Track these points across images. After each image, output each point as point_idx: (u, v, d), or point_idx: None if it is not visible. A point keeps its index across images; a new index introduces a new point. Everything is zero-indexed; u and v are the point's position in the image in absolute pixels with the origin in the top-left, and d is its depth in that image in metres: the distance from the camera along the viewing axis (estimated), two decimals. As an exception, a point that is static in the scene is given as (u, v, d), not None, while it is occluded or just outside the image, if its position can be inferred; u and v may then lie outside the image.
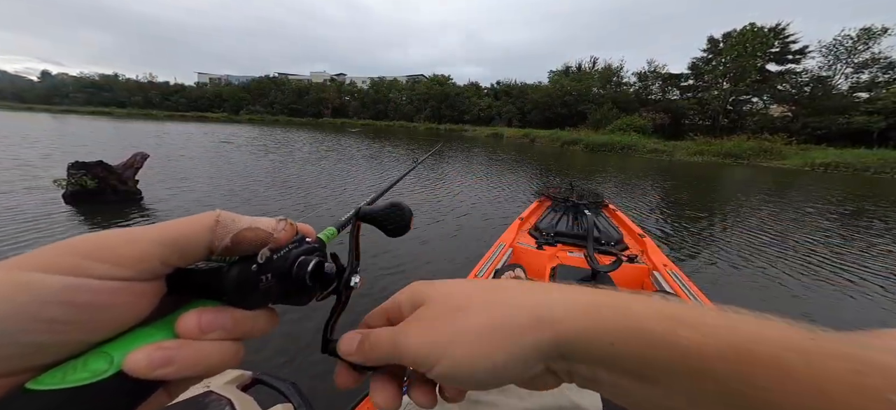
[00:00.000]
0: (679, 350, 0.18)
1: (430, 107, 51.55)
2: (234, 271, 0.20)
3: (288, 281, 0.23)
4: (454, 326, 0.22)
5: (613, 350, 0.19)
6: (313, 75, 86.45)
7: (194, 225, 0.20)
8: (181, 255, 0.19)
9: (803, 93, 27.05)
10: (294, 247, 0.23)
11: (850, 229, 5.29)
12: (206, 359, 0.19)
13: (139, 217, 4.35)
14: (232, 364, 0.20)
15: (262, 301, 0.22)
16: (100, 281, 0.17)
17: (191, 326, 0.19)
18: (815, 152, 17.41)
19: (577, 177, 9.66)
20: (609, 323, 0.20)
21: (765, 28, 27.52)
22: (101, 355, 0.17)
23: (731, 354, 0.17)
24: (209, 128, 24.44)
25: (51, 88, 79.58)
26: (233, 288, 0.20)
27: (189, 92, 69.62)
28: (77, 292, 0.16)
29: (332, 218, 1.67)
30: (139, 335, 0.18)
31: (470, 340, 0.21)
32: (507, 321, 0.21)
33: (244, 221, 0.21)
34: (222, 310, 0.20)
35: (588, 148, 22.52)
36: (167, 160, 8.41)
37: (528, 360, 0.21)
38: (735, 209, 6.52)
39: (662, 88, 35.79)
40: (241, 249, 0.21)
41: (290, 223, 0.23)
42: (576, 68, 43.93)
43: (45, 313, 0.15)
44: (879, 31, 24.68)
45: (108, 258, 0.17)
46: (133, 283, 0.18)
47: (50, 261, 0.16)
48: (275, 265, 0.22)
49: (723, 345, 0.17)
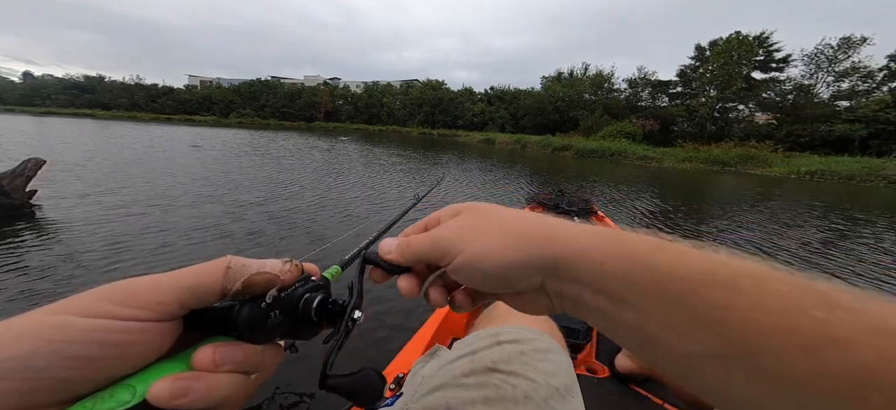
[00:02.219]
0: (655, 271, 0.20)
1: (424, 112, 51.61)
2: (245, 310, 0.22)
3: (294, 316, 0.25)
4: (480, 229, 0.26)
5: (602, 269, 0.22)
6: (306, 79, 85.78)
7: (208, 272, 0.22)
8: (197, 299, 0.21)
9: (787, 101, 27.73)
10: (300, 286, 0.25)
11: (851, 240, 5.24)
12: (220, 390, 0.20)
13: (28, 238, 3.22)
14: (242, 394, 0.22)
15: (271, 336, 0.24)
16: (124, 323, 0.19)
17: (206, 360, 0.21)
18: (800, 160, 17.76)
19: (567, 183, 9.57)
20: (601, 245, 0.22)
21: (750, 36, 28.22)
22: (125, 387, 0.18)
23: (697, 275, 0.19)
24: (190, 131, 23.70)
25: (32, 89, 77.36)
26: (244, 326, 0.22)
27: (177, 94, 68.17)
28: (103, 332, 0.18)
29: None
30: (159, 369, 0.20)
31: (491, 237, 0.25)
32: (521, 231, 0.25)
33: (253, 266, 0.23)
34: (234, 345, 0.22)
35: (578, 154, 22.65)
36: (94, 167, 7.14)
37: (530, 266, 0.24)
38: (720, 218, 6.46)
39: (652, 95, 36.44)
40: (251, 292, 0.23)
41: (295, 263, 0.25)
42: (568, 74, 44.43)
43: (74, 351, 0.17)
44: (858, 41, 25.50)
45: (132, 302, 0.19)
46: (154, 323, 0.20)
47: (81, 305, 0.18)
48: (282, 303, 0.24)
49: (690, 267, 0.19)
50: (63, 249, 3.06)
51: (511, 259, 0.24)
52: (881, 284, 3.47)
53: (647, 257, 0.21)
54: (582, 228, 0.24)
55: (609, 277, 0.21)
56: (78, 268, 2.76)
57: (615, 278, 0.21)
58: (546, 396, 0.46)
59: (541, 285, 0.25)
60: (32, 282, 2.50)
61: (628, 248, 0.22)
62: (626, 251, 0.21)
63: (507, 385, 0.46)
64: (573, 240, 0.23)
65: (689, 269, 0.19)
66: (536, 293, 0.25)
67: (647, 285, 0.20)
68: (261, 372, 0.24)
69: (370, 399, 0.27)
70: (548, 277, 0.24)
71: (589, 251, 0.23)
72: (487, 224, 0.27)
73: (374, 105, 58.12)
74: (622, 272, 0.21)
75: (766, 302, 0.17)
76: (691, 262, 0.20)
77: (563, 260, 0.23)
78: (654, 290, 0.20)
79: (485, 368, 0.49)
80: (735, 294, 0.18)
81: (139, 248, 3.20)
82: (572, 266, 0.23)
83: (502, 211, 0.28)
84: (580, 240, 0.23)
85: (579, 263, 0.23)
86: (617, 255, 0.22)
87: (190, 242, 3.45)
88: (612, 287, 0.21)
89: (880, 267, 3.94)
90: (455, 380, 0.48)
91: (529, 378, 0.48)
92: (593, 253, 0.22)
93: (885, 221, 6.50)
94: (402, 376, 0.78)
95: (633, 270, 0.21)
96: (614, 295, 0.21)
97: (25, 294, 2.36)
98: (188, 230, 3.76)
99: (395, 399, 0.53)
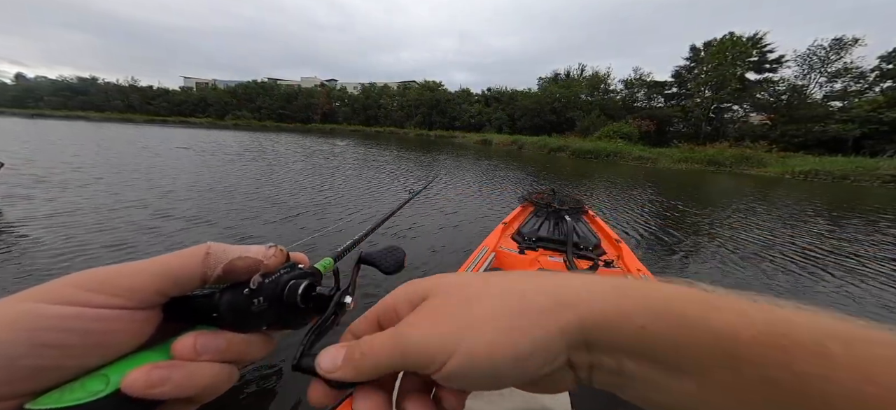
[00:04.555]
0: (714, 334, 0.16)
1: (421, 113, 51.63)
2: (226, 296, 0.21)
3: (280, 304, 0.24)
4: (470, 315, 0.20)
5: (644, 334, 0.18)
6: (304, 80, 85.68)
7: (187, 258, 0.21)
8: (176, 285, 0.21)
9: (781, 102, 28.01)
10: (285, 272, 0.24)
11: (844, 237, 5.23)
12: (201, 379, 0.19)
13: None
14: (225, 385, 0.21)
15: (256, 324, 0.23)
16: (96, 310, 0.18)
17: (187, 348, 0.20)
18: (795, 160, 17.85)
19: (561, 183, 9.55)
20: (638, 304, 0.18)
21: (743, 37, 28.50)
22: (98, 377, 0.18)
23: (769, 338, 0.16)
24: (183, 133, 23.53)
25: (24, 91, 76.58)
26: (226, 312, 0.21)
27: (173, 96, 67.90)
28: (73, 320, 0.17)
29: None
30: (137, 358, 0.19)
31: (490, 328, 0.19)
32: (529, 306, 0.20)
33: (234, 251, 0.22)
34: (217, 334, 0.21)
35: (575, 154, 22.70)
36: (73, 168, 6.78)
37: (553, 348, 0.19)
38: (712, 219, 6.45)
39: (648, 96, 36.71)
40: (233, 277, 0.22)
41: (280, 249, 0.24)
42: (565, 75, 44.61)
43: (42, 339, 0.17)
44: (850, 42, 25.80)
45: (105, 289, 0.19)
46: (129, 311, 0.19)
47: (51, 293, 0.18)
48: (266, 289, 0.23)
49: (760, 329, 0.16)
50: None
51: (526, 347, 0.19)
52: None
53: (703, 320, 0.17)
54: (604, 282, 0.20)
55: (657, 341, 0.18)
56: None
57: (665, 342, 0.17)
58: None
59: (566, 362, 0.20)
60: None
61: (671, 307, 0.18)
62: (671, 311, 0.18)
63: None
64: (602, 302, 0.19)
65: (760, 331, 0.16)
66: (560, 371, 0.20)
67: (710, 349, 0.16)
68: (245, 362, 0.23)
69: (394, 265, 0.30)
70: (575, 349, 0.19)
71: (622, 313, 0.18)
72: (478, 306, 0.21)
73: (371, 106, 58.08)
74: (672, 337, 0.17)
75: (869, 371, 0.14)
76: (758, 321, 0.16)
77: (593, 328, 0.19)
78: (718, 355, 0.16)
79: None
80: (825, 361, 0.15)
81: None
82: (604, 334, 0.19)
83: (493, 282, 0.22)
84: (606, 301, 0.19)
85: (615, 330, 0.18)
86: (659, 316, 0.18)
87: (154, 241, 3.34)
88: (661, 352, 0.18)
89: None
90: None
91: None
92: (631, 317, 0.18)
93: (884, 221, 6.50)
94: None
95: (686, 334, 0.17)
96: (666, 362, 0.18)
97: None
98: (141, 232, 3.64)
99: None
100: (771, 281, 3.33)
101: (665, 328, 0.17)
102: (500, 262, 2.30)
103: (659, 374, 0.18)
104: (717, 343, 0.16)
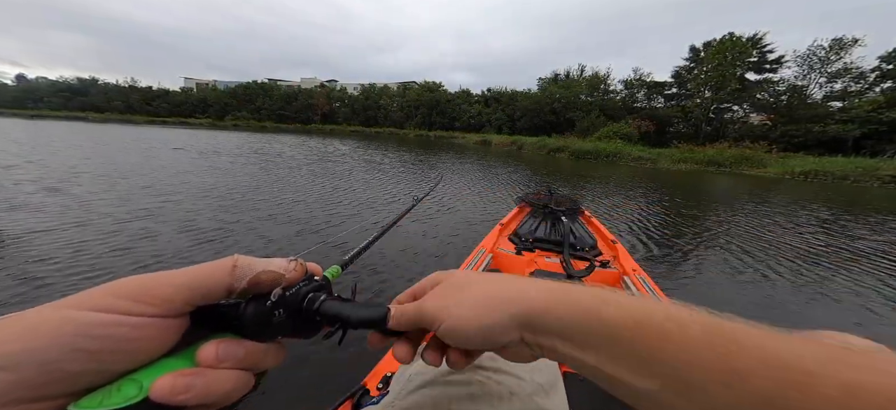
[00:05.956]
0: (601, 321, 0.23)
1: (421, 113, 51.61)
2: (250, 307, 0.23)
3: (297, 315, 0.26)
4: (459, 296, 0.29)
5: (562, 322, 0.25)
6: (303, 81, 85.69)
7: (216, 269, 0.23)
8: (204, 296, 0.22)
9: (780, 102, 27.96)
10: (304, 285, 0.26)
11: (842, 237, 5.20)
12: (220, 386, 0.21)
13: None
14: (241, 392, 0.23)
15: (274, 334, 0.24)
16: (133, 318, 0.19)
17: (209, 355, 0.21)
18: (795, 160, 17.78)
19: (560, 184, 9.52)
20: (560, 302, 0.26)
21: (743, 38, 28.45)
22: (132, 382, 0.19)
23: (631, 324, 0.22)
24: (180, 134, 23.43)
25: (25, 92, 76.58)
26: (249, 323, 0.23)
27: (173, 97, 67.80)
28: (112, 327, 0.19)
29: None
30: (165, 364, 0.20)
31: (468, 305, 0.28)
32: (496, 295, 0.28)
33: (259, 264, 0.24)
34: (237, 342, 0.23)
35: (574, 155, 22.62)
36: (70, 169, 6.82)
37: (507, 326, 0.27)
38: (712, 220, 6.42)
39: (647, 96, 36.64)
40: (256, 289, 0.24)
41: (300, 263, 0.26)
42: (564, 76, 44.54)
43: (85, 345, 0.18)
44: (850, 42, 25.75)
45: (142, 298, 0.20)
46: (161, 319, 0.20)
47: (92, 300, 0.19)
48: (286, 301, 0.24)
49: (627, 318, 0.23)
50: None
51: (489, 322, 0.27)
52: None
53: (595, 310, 0.24)
54: (547, 286, 0.27)
55: (572, 328, 0.24)
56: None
57: (573, 327, 0.24)
58: (531, 392, 0.47)
59: (520, 338, 0.27)
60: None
61: (578, 303, 0.25)
62: (583, 306, 0.24)
63: (492, 382, 0.47)
64: (540, 299, 0.26)
65: (628, 319, 0.23)
66: (519, 345, 0.28)
67: (600, 334, 0.23)
68: (260, 370, 0.25)
69: (368, 322, 0.29)
70: (525, 331, 0.27)
71: (553, 307, 0.25)
72: (462, 292, 0.29)
73: (371, 107, 58.03)
74: (578, 323, 0.24)
75: (688, 345, 0.20)
76: (630, 313, 0.23)
77: (535, 316, 0.26)
78: (606, 339, 0.23)
79: (471, 365, 0.49)
80: (665, 339, 0.21)
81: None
82: (542, 321, 0.26)
83: (476, 278, 0.31)
84: (542, 297, 0.26)
85: (547, 318, 0.25)
86: (569, 310, 0.25)
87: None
88: (572, 334, 0.24)
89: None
90: (441, 378, 0.48)
91: (515, 375, 0.49)
92: (556, 309, 0.25)
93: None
94: (390, 375, 0.75)
95: (587, 322, 0.24)
96: (578, 343, 0.24)
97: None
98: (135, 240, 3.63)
99: (382, 398, 0.52)
100: (771, 282, 3.31)
101: (573, 318, 0.24)
102: (497, 263, 2.27)
103: (574, 350, 0.25)
104: (604, 329, 0.23)
